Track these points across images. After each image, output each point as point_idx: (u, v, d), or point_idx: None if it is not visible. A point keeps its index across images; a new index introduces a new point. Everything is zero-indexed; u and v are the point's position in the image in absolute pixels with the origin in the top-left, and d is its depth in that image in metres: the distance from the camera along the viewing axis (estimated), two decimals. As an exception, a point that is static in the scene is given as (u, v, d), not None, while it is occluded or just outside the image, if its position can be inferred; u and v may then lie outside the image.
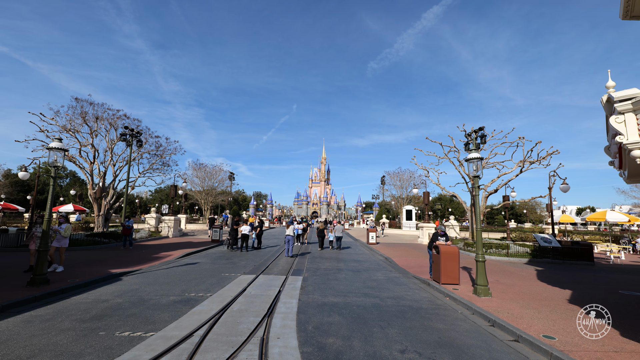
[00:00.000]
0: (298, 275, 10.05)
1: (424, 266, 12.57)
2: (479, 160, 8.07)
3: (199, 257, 13.85)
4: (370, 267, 12.39)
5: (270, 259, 13.74)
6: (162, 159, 23.18)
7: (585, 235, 26.06)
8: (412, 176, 39.42)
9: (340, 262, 13.27)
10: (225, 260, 12.95)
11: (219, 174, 36.21)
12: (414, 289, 8.68)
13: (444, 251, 8.93)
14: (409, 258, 14.90)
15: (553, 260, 14.87)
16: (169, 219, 22.53)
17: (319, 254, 15.82)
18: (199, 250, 15.90)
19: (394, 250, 17.88)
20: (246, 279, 9.28)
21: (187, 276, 9.48)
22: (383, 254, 16.19)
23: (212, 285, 8.38)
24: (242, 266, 11.63)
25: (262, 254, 15.51)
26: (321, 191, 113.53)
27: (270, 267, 11.64)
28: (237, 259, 13.55)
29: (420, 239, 23.15)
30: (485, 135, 17.14)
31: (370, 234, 21.14)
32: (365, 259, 14.80)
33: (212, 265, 11.73)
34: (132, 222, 15.84)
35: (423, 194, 23.31)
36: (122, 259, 12.46)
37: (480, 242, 8.00)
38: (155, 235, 21.39)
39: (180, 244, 18.22)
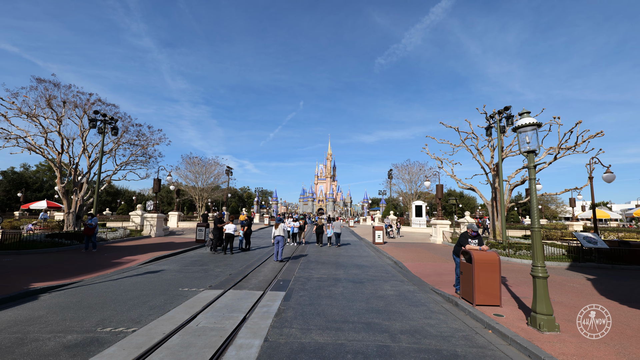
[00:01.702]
0: (280, 291, 7.59)
1: (444, 274, 10.01)
2: (534, 129, 5.47)
3: (168, 262, 11.51)
4: (375, 275, 9.88)
5: (255, 264, 11.33)
6: (144, 149, 20.89)
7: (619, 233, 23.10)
8: (422, 169, 36.52)
9: (339, 269, 10.79)
10: (197, 267, 10.58)
11: (215, 168, 33.95)
12: (437, 313, 6.15)
13: (478, 259, 6.37)
14: (423, 262, 12.34)
15: (599, 264, 12.16)
16: (151, 217, 20.30)
17: (315, 257, 13.37)
18: (175, 253, 13.57)
19: (404, 252, 15.32)
20: (206, 297, 6.86)
21: (130, 293, 7.10)
22: (391, 256, 13.65)
23: (153, 309, 5.97)
24: (214, 275, 9.23)
25: (248, 257, 13.12)
26: (327, 188, 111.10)
27: (249, 276, 9.22)
28: (214, 264, 11.17)
29: (433, 237, 20.52)
30: (513, 116, 14.40)
31: (376, 232, 18.60)
32: (370, 263, 12.30)
33: (177, 274, 9.35)
34: (95, 220, 13.57)
35: (436, 187, 20.68)
36: (68, 265, 10.17)
37: (540, 249, 5.42)
38: (135, 235, 19.18)
39: (157, 245, 15.94)
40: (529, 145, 5.49)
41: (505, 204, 17.49)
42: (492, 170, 18.22)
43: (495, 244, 14.61)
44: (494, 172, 18.13)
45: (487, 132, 16.18)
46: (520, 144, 5.60)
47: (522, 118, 5.58)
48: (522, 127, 5.51)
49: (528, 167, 5.44)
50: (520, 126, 5.51)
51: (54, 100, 17.16)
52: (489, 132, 16.10)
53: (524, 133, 5.54)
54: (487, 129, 16.22)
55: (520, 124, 5.52)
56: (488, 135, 16.12)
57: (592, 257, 12.64)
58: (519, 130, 5.59)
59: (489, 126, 16.19)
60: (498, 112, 15.10)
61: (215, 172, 34.07)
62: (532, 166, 5.42)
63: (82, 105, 18.10)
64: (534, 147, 5.47)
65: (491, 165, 18.42)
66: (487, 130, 16.17)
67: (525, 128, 5.50)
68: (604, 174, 14.13)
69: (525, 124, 5.45)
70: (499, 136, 15.23)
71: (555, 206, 60.37)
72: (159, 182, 20.61)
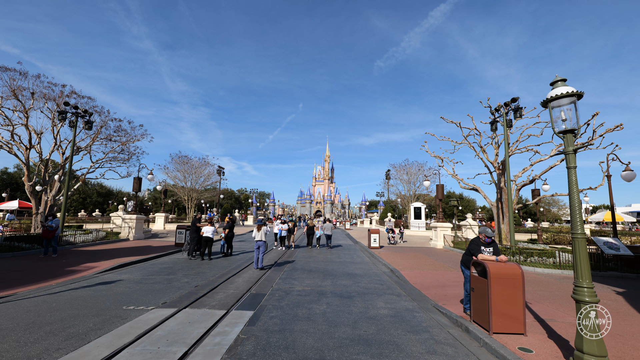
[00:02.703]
0: (248, 310, 6.15)
1: (448, 285, 8.59)
2: (572, 101, 4.08)
3: (131, 270, 10.04)
4: (368, 287, 8.45)
5: (231, 273, 9.89)
6: (124, 146, 19.44)
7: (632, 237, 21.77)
8: (420, 169, 35.02)
9: (326, 278, 9.35)
10: (162, 277, 9.13)
11: (205, 168, 32.48)
12: (444, 344, 4.73)
13: (496, 273, 4.97)
14: (422, 270, 10.92)
15: (622, 273, 10.78)
16: (130, 218, 18.82)
17: (302, 263, 11.93)
18: (145, 259, 12.11)
19: (402, 258, 13.90)
20: (150, 320, 5.42)
21: (58, 313, 5.67)
22: (388, 263, 12.23)
23: (69, 340, 4.54)
24: (176, 288, 7.78)
25: (227, 263, 11.68)
26: (325, 189, 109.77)
27: (217, 289, 7.77)
28: (183, 273, 9.72)
29: (434, 241, 19.11)
30: (522, 108, 13.05)
31: (372, 235, 17.17)
32: (363, 271, 10.87)
33: (133, 286, 7.90)
34: (56, 222, 12.10)
35: (436, 187, 19.30)
36: (12, 274, 8.71)
37: (586, 262, 4.03)
38: (110, 238, 17.69)
39: (131, 250, 14.48)
40: (565, 123, 4.10)
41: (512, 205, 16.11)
42: (496, 168, 16.86)
43: (503, 250, 13.21)
44: (499, 170, 16.77)
45: (492, 127, 14.84)
46: (554, 122, 4.21)
47: (556, 88, 4.19)
48: (556, 99, 4.12)
49: (566, 151, 4.05)
50: (554, 98, 4.13)
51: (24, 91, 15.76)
52: (494, 126, 14.75)
53: (559, 108, 4.16)
54: (492, 124, 14.87)
55: (553, 95, 4.13)
56: (493, 130, 14.78)
57: (614, 266, 11.27)
58: (551, 104, 4.20)
59: (494, 121, 14.84)
60: (504, 104, 13.75)
61: (206, 172, 32.62)
62: (572, 150, 4.03)
63: (52, 97, 16.67)
64: (573, 125, 4.08)
65: (495, 164, 17.06)
66: (492, 125, 14.82)
67: (560, 101, 4.12)
68: (623, 172, 12.78)
69: (561, 95, 4.07)
70: (506, 131, 13.89)
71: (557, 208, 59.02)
72: (139, 182, 19.16)
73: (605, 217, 24.54)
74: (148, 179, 19.27)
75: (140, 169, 19.43)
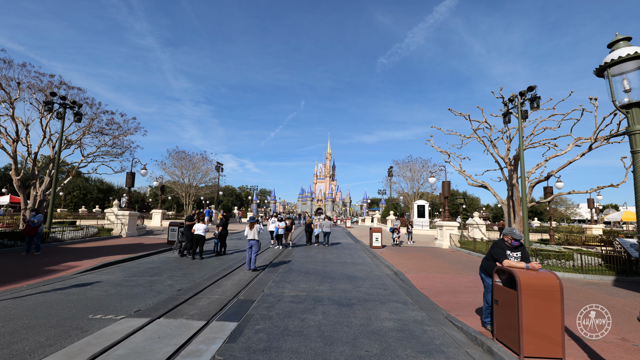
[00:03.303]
0: (231, 321, 5.32)
1: (459, 291, 7.72)
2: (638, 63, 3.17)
3: (114, 270, 9.27)
4: (370, 292, 7.60)
5: (220, 274, 9.08)
6: (117, 139, 18.68)
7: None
8: (424, 165, 33.92)
9: (324, 282, 8.51)
10: (146, 278, 8.34)
11: (203, 163, 31.68)
12: (463, 369, 3.86)
13: (528, 284, 4.08)
14: (429, 273, 10.03)
15: (649, 278, 9.83)
16: (122, 215, 18.10)
17: (299, 264, 11.10)
18: (133, 257, 11.34)
19: (406, 259, 13.03)
20: (114, 333, 4.60)
21: (12, 323, 4.88)
22: (391, 264, 11.37)
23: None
24: (157, 292, 6.98)
25: (218, 263, 10.88)
26: (326, 187, 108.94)
27: (201, 294, 6.96)
28: (169, 274, 8.92)
29: (439, 241, 18.21)
30: (538, 98, 12.06)
31: (374, 234, 16.30)
32: (364, 273, 10.01)
33: (110, 289, 7.11)
34: (40, 218, 11.36)
35: (442, 184, 18.38)
36: (-23, 275, 7.96)
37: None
38: (102, 235, 16.97)
39: (120, 248, 13.74)
40: (630, 94, 3.19)
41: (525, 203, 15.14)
42: (508, 164, 15.89)
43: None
44: (510, 166, 15.80)
45: (505, 119, 13.85)
46: (614, 94, 3.30)
47: (617, 49, 3.28)
48: (617, 64, 3.21)
49: (631, 131, 3.15)
50: (615, 62, 3.22)
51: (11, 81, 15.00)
52: (507, 118, 13.77)
53: (620, 75, 3.25)
54: (504, 115, 13.88)
55: (615, 58, 3.22)
56: (506, 122, 13.79)
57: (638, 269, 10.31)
58: (610, 70, 3.29)
59: (507, 112, 13.85)
60: (520, 93, 12.75)
61: (204, 167, 31.83)
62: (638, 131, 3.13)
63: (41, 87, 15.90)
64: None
65: (507, 159, 16.09)
66: (505, 116, 13.83)
67: (622, 66, 3.21)
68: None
69: (624, 58, 3.15)
70: (520, 123, 12.91)
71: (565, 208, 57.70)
72: (132, 177, 18.40)
73: (624, 216, 23.38)
74: (141, 174, 18.51)
75: (134, 163, 18.66)
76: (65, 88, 16.43)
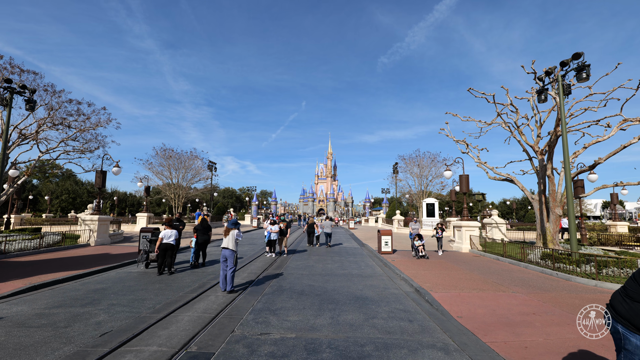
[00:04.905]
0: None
1: (515, 322, 5.31)
2: None
3: (41, 296, 6.89)
4: (390, 328, 5.21)
5: (183, 299, 6.70)
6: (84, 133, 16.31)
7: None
8: (433, 160, 31.32)
9: (323, 309, 6.13)
10: (73, 310, 5.96)
11: (193, 162, 29.29)
12: None
13: None
14: (462, 291, 7.63)
15: None
16: (91, 220, 15.71)
17: (293, 279, 8.70)
18: (79, 275, 8.94)
19: (424, 268, 10.62)
20: None
21: None
22: (408, 276, 8.99)
23: None
24: (65, 340, 4.60)
25: (189, 281, 8.49)
26: (327, 187, 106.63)
27: (131, 343, 4.57)
28: (113, 300, 6.53)
29: (457, 244, 15.81)
30: (588, 66, 9.68)
31: (383, 238, 13.91)
32: (377, 291, 7.62)
33: (0, 335, 4.72)
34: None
35: (459, 178, 15.99)
36: None
37: None
38: (65, 244, 14.57)
39: (75, 260, 11.38)
40: None
41: (561, 198, 12.77)
42: (539, 153, 13.50)
43: (558, 256, 9.89)
44: (542, 156, 13.42)
45: (540, 98, 11.47)
46: None
47: None
48: None
49: None
50: None
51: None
52: (542, 96, 11.39)
53: None
54: (539, 93, 11.50)
55: None
56: (542, 100, 11.40)
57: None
58: None
59: (542, 89, 11.48)
60: (560, 64, 10.37)
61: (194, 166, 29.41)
62: None
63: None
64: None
65: (536, 147, 13.70)
66: (540, 94, 11.45)
67: None
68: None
69: None
70: (561, 99, 10.54)
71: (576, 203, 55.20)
72: (102, 175, 16.03)
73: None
74: (113, 172, 16.14)
75: (105, 160, 16.27)
76: (17, 71, 14.07)
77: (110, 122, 16.92)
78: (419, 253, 12.76)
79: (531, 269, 10.32)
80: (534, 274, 9.60)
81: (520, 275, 9.42)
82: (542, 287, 7.93)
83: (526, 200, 77.43)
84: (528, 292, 7.49)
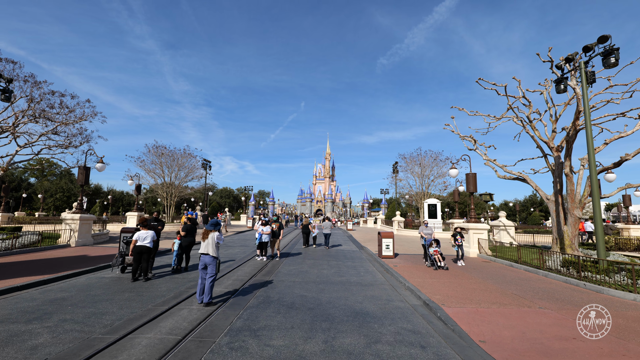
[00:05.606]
0: None
1: (555, 352, 4.23)
2: None
3: (-21, 309, 5.81)
4: (399, 357, 4.14)
5: (152, 312, 5.64)
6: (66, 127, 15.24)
7: None
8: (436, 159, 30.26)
9: (315, 329, 5.06)
10: (18, 326, 4.93)
11: (187, 160, 28.23)
12: None
13: None
14: (480, 305, 6.55)
15: None
16: (72, 219, 14.64)
17: (281, 289, 7.63)
18: (40, 281, 7.86)
19: (432, 276, 9.53)
20: None
21: None
22: (414, 286, 7.92)
23: None
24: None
25: (164, 289, 7.42)
26: (325, 188, 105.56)
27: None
28: (67, 315, 5.47)
29: (465, 247, 14.73)
30: (617, 50, 8.65)
31: (384, 241, 12.84)
32: (379, 305, 6.55)
33: None
34: None
35: (466, 176, 14.91)
36: None
37: None
38: (43, 245, 13.50)
39: (47, 263, 10.31)
40: None
41: (582, 199, 11.72)
42: (554, 150, 12.46)
43: (591, 265, 8.82)
44: (558, 152, 12.37)
45: (558, 88, 10.44)
46: None
47: None
48: None
49: None
50: None
51: None
52: (561, 86, 10.35)
53: None
54: (557, 83, 10.47)
55: None
56: (561, 91, 10.37)
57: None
58: None
59: (561, 78, 10.44)
60: (583, 49, 9.33)
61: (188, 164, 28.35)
62: None
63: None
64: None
65: (552, 143, 12.65)
66: (559, 84, 10.42)
67: None
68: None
69: None
70: (584, 88, 9.49)
71: (579, 206, 54.14)
72: (85, 172, 14.97)
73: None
74: (97, 169, 15.06)
75: (89, 155, 15.20)
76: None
77: (95, 116, 15.88)
78: (436, 263, 10.32)
79: (552, 278, 9.25)
80: (557, 284, 8.53)
81: (542, 286, 8.35)
82: (571, 302, 6.86)
83: (529, 202, 76.32)
84: (558, 307, 6.42)
